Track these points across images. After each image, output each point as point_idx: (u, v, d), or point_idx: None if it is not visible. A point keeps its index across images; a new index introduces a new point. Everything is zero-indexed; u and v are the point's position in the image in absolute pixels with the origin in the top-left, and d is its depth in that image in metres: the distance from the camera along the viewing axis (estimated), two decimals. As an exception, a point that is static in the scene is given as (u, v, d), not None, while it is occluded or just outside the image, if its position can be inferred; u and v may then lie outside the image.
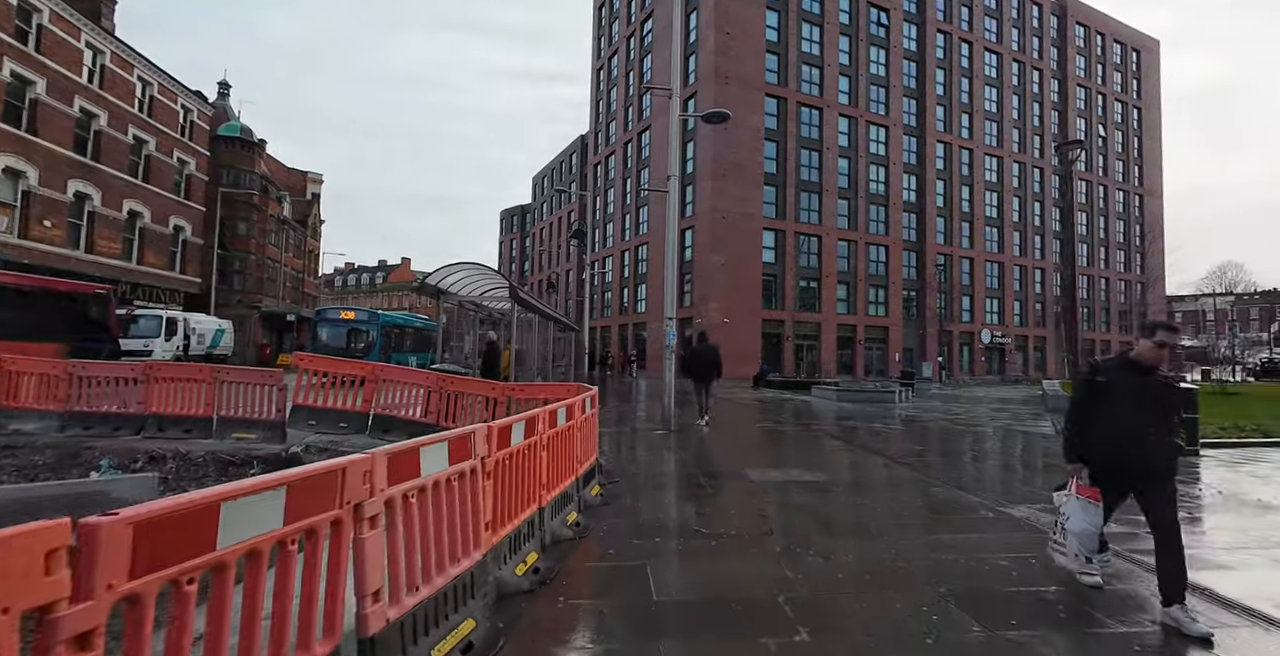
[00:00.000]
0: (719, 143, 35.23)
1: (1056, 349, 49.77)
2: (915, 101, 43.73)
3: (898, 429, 12.12)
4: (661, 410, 11.00)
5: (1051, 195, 50.58)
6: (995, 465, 8.33)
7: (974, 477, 7.18)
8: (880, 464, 7.89)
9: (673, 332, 11.20)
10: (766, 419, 13.88)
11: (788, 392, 23.71)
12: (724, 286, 35.05)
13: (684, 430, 10.89)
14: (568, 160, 59.67)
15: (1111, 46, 55.25)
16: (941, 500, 5.84)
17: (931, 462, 8.09)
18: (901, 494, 6.10)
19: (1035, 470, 7.93)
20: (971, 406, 18.61)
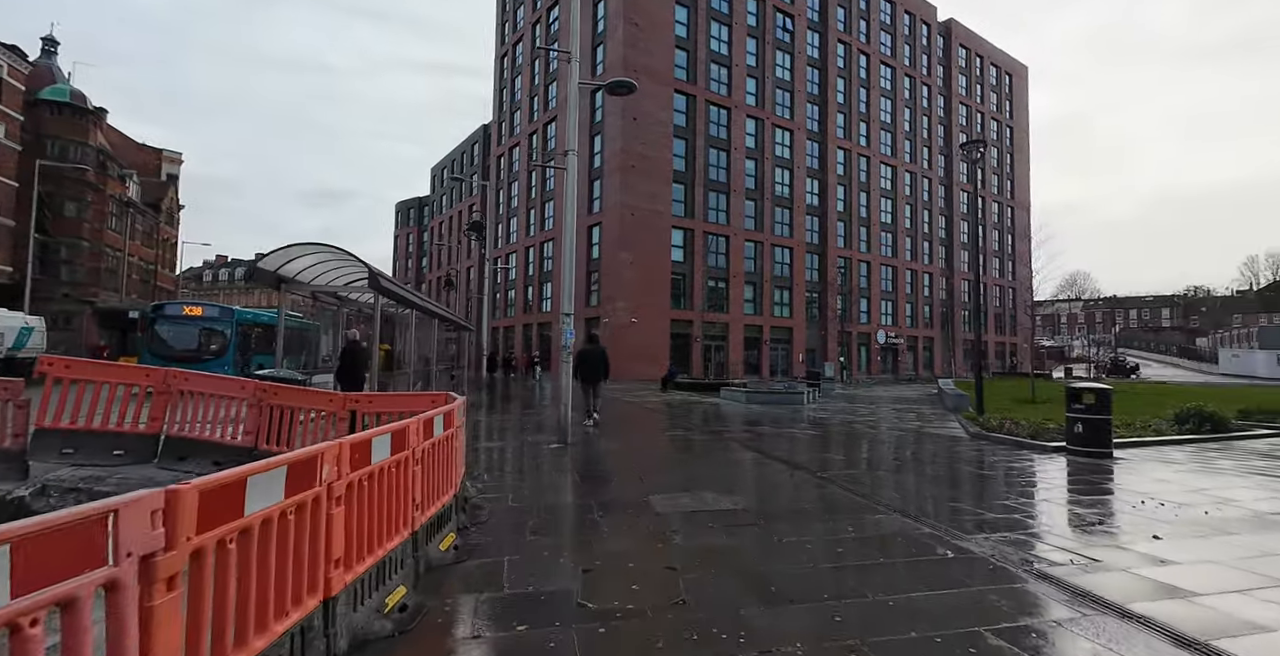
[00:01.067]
0: (627, 135, 34.12)
1: (944, 349, 52.91)
2: (818, 108, 44.81)
3: (813, 434, 11.31)
4: (567, 418, 9.50)
5: (939, 204, 53.75)
6: (927, 479, 7.51)
7: (912, 497, 6.24)
8: (805, 481, 6.81)
9: (571, 331, 9.74)
10: (675, 426, 12.70)
11: (696, 395, 22.87)
12: (632, 285, 33.95)
13: (583, 443, 9.45)
14: (469, 151, 56.56)
15: (989, 69, 59.69)
16: (888, 533, 4.76)
17: (859, 477, 7.12)
18: (840, 525, 4.97)
19: (967, 483, 7.15)
20: (876, 407, 18.47)
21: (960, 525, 5.00)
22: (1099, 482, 6.93)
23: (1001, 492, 6.43)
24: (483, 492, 5.98)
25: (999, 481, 7.02)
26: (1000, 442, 9.98)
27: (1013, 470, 7.64)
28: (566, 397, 9.59)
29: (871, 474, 7.39)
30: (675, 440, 10.27)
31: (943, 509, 5.67)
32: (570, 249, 9.94)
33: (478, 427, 11.50)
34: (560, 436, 9.50)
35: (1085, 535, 4.82)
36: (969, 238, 55.66)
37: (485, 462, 7.68)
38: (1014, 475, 7.36)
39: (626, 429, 12.15)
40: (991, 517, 5.32)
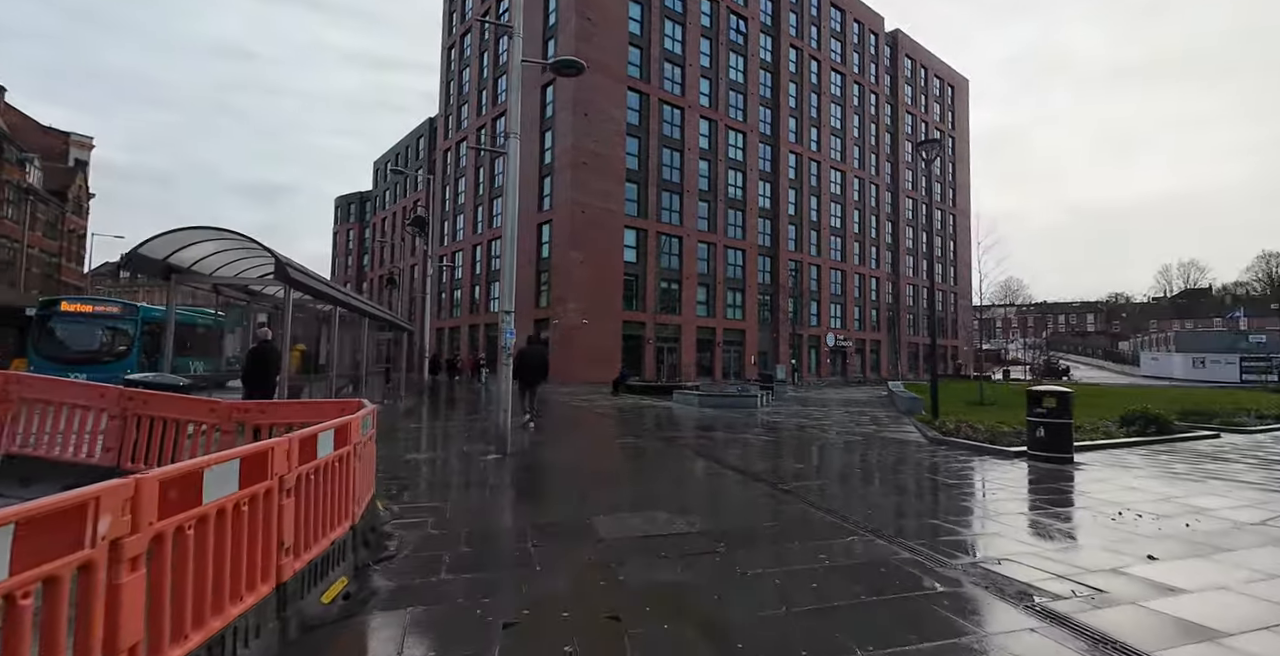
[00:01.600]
0: (579, 131, 33.27)
1: (890, 352, 54.07)
2: (771, 111, 45.04)
3: (769, 440, 10.77)
4: (506, 426, 8.64)
5: (885, 210, 54.97)
6: (894, 490, 7.01)
7: (883, 512, 5.68)
8: (766, 496, 6.19)
9: (512, 331, 8.88)
10: (625, 432, 11.97)
11: (649, 398, 22.21)
12: (583, 285, 33.08)
13: (524, 453, 8.60)
14: (414, 145, 54.46)
15: (932, 80, 61.59)
16: (865, 561, 4.15)
17: (823, 490, 6.55)
18: (810, 551, 4.34)
19: (936, 494, 6.67)
20: (829, 410, 18.23)
21: (940, 547, 4.44)
22: (1069, 491, 6.56)
23: (974, 505, 5.96)
24: (399, 518, 5.09)
25: (968, 492, 6.57)
26: (959, 447, 9.67)
27: (979, 479, 7.23)
28: (507, 403, 8.73)
29: (835, 485, 6.83)
30: (625, 448, 9.53)
31: (917, 527, 5.12)
32: (513, 241, 9.10)
33: (411, 436, 10.49)
34: (499, 446, 8.64)
35: (1075, 555, 4.33)
36: (926, 244, 57.21)
37: (411, 479, 6.76)
38: (981, 484, 6.93)
39: (573, 436, 11.34)
40: (971, 537, 4.80)
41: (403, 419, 13.26)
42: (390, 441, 9.67)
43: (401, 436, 10.43)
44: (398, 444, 9.46)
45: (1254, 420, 14.57)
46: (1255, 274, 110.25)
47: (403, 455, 8.37)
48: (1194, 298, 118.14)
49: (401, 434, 10.77)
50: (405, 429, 11.51)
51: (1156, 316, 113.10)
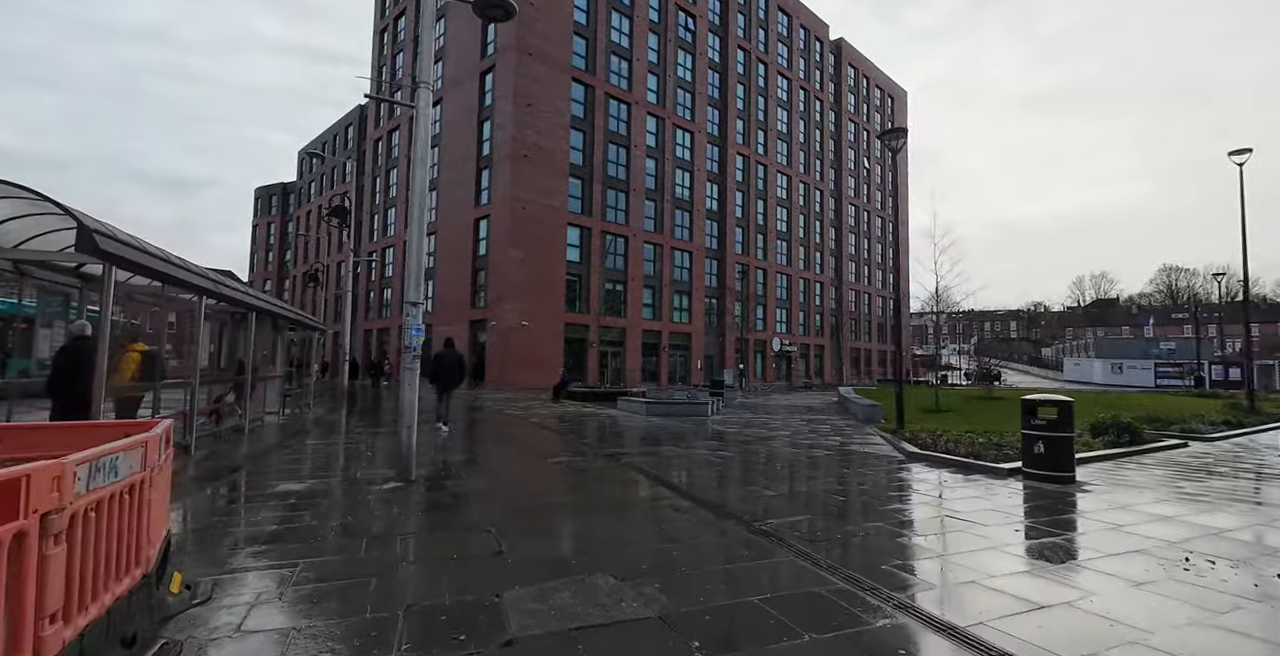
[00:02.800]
0: (520, 122, 31.37)
1: (834, 357, 54.32)
2: (719, 112, 44.34)
3: (728, 455, 9.36)
4: (412, 445, 6.86)
5: (829, 216, 55.33)
6: (899, 529, 5.66)
7: (907, 572, 4.28)
8: (742, 543, 4.71)
9: (418, 327, 7.12)
10: (563, 447, 10.31)
11: (591, 405, 20.58)
12: (523, 285, 31.12)
13: (432, 480, 6.84)
14: (343, 133, 50.96)
15: (874, 90, 62.77)
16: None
17: (816, 532, 5.13)
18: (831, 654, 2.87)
19: (956, 537, 5.35)
20: (785, 417, 17.10)
21: (1010, 631, 3.05)
22: (1095, 520, 5.39)
23: (1015, 555, 4.65)
24: (209, 602, 3.31)
25: (995, 532, 5.29)
26: (943, 464, 8.52)
27: (992, 510, 5.99)
28: (412, 417, 6.95)
29: (823, 521, 5.43)
30: (560, 470, 7.89)
31: (962, 596, 3.73)
32: (420, 220, 7.36)
33: (296, 458, 8.51)
34: (401, 471, 6.85)
35: (1217, 643, 3.02)
36: (893, 242, 57.81)
37: (264, 526, 4.93)
38: (1002, 518, 5.69)
39: (500, 453, 9.61)
40: (1045, 614, 3.45)
41: (299, 434, 11.14)
42: (265, 467, 7.69)
43: (284, 459, 8.44)
44: (273, 470, 7.50)
45: (1208, 427, 14.33)
46: (1157, 286, 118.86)
47: (273, 486, 6.46)
48: (1104, 307, 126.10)
49: (286, 455, 8.76)
50: (294, 447, 9.47)
51: (1071, 324, 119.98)
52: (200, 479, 6.83)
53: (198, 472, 7.18)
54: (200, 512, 5.40)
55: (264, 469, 7.55)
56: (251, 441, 9.90)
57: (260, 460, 8.17)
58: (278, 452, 8.84)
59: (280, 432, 11.16)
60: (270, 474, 7.25)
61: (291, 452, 8.96)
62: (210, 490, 6.28)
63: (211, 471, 7.29)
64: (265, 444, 9.65)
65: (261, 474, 7.23)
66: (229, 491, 6.32)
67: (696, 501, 6.02)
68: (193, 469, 7.37)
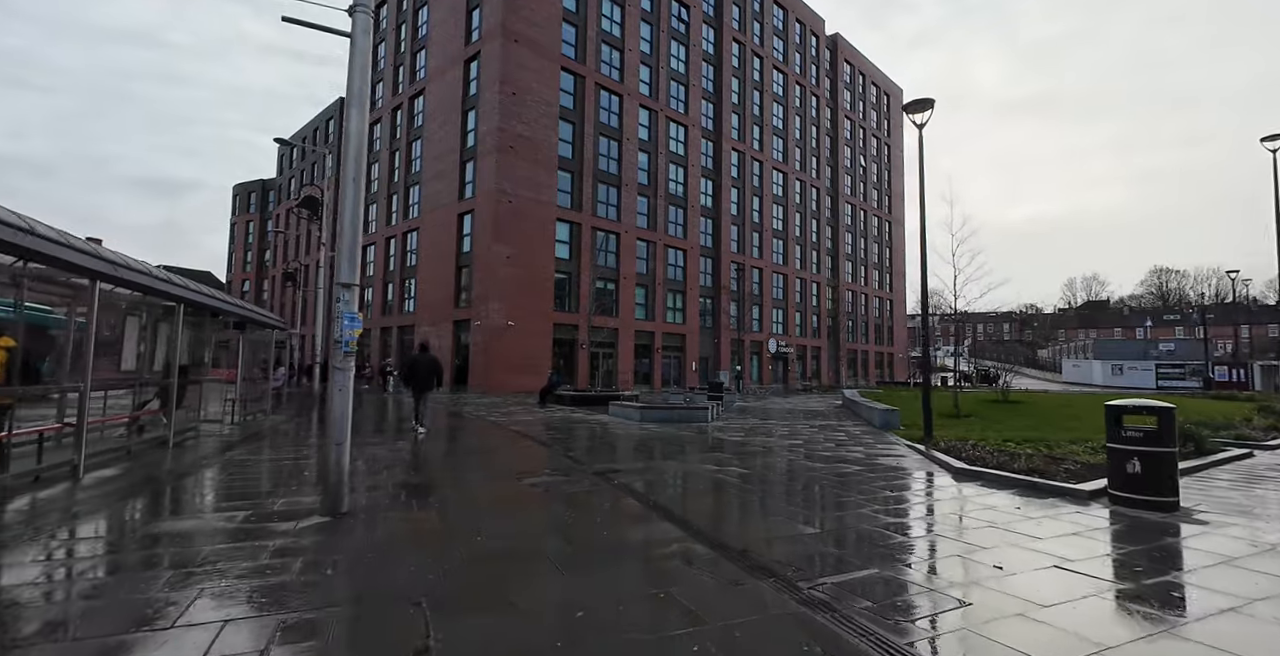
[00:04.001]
0: (506, 112, 29.81)
1: (830, 359, 53.02)
2: (713, 105, 42.98)
3: (741, 473, 7.85)
4: (343, 468, 5.32)
5: (825, 215, 54.10)
6: (1004, 594, 4.18)
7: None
8: (794, 624, 3.20)
9: (351, 315, 5.55)
10: (545, 463, 8.78)
11: (581, 410, 19.04)
12: (509, 283, 29.53)
13: (370, 512, 5.30)
14: (323, 127, 49.21)
15: (869, 87, 61.69)
16: None
17: (892, 599, 3.64)
18: None
19: (1081, 607, 3.87)
20: (792, 423, 15.64)
21: None
22: (1267, 575, 3.93)
23: (1204, 645, 3.17)
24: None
25: (1148, 596, 3.80)
26: (1003, 484, 7.05)
27: (1110, 558, 4.51)
28: (343, 433, 5.40)
29: (904, 584, 3.92)
30: (537, 497, 6.34)
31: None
32: (356, 179, 5.80)
33: (221, 481, 6.93)
34: (329, 502, 5.29)
35: None
36: (920, 233, 56.67)
37: (114, 589, 3.38)
38: (1136, 573, 4.21)
39: (468, 471, 8.05)
40: None
41: (234, 447, 9.53)
42: (160, 496, 6.10)
43: (194, 483, 6.85)
44: (168, 502, 5.93)
45: (1260, 433, 12.99)
46: (1148, 287, 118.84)
47: (151, 526, 4.90)
48: (1096, 309, 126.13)
49: (199, 477, 7.17)
50: (217, 466, 7.88)
51: (1064, 326, 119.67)
52: (60, 513, 5.23)
53: (67, 503, 5.58)
54: (18, 570, 3.82)
55: (157, 499, 5.97)
56: (173, 458, 8.30)
57: (162, 485, 6.58)
58: (192, 474, 7.25)
59: (214, 446, 9.55)
60: (185, 504, 5.68)
61: (211, 473, 7.37)
62: (54, 533, 4.69)
63: (85, 502, 5.69)
64: (184, 462, 8.05)
65: (153, 507, 5.65)
66: (85, 534, 4.74)
67: (714, 545, 4.50)
68: (64, 498, 5.77)
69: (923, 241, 11.48)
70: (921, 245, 11.47)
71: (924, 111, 11.50)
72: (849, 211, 56.95)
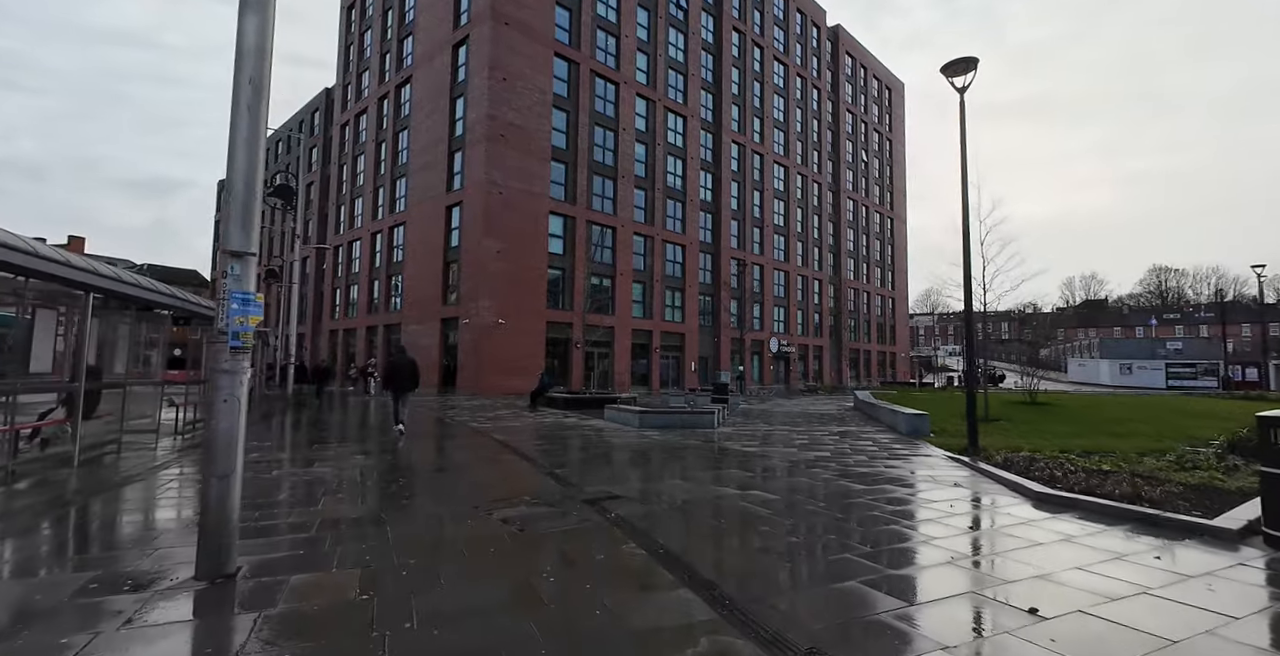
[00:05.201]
0: (496, 99, 28.26)
1: (832, 359, 51.58)
2: (713, 96, 41.49)
3: (766, 498, 6.34)
4: (228, 511, 3.79)
5: (827, 211, 52.67)
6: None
7: None
8: None
9: (245, 297, 4.00)
10: (525, 485, 7.25)
11: (575, 414, 17.51)
12: (500, 279, 27.97)
13: (264, 572, 3.74)
14: (309, 119, 47.54)
15: (871, 81, 60.31)
16: None
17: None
18: None
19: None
20: (807, 428, 14.14)
21: None
22: None
23: None
24: None
25: None
26: (1106, 516, 5.55)
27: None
28: (228, 463, 3.85)
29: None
30: (507, 541, 4.80)
31: None
32: (251, 101, 4.23)
33: (79, 522, 5.40)
34: (206, 562, 3.74)
35: None
36: (963, 222, 55.28)
37: None
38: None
39: (426, 498, 6.51)
40: None
41: (159, 467, 7.98)
42: (18, 532, 4.54)
43: (66, 518, 5.30)
44: (23, 543, 4.37)
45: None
46: (1146, 286, 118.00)
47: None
48: (1095, 308, 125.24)
49: (83, 507, 5.61)
50: (108, 497, 6.33)
51: (1063, 325, 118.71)
52: None
53: None
54: None
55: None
56: (57, 483, 6.74)
57: (17, 523, 5.02)
58: (65, 507, 5.69)
59: (129, 465, 7.99)
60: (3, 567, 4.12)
61: (95, 506, 5.81)
62: None
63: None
64: (72, 489, 6.49)
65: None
66: None
67: (761, 636, 2.98)
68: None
69: (965, 215, 10.00)
70: (964, 218, 10.00)
71: (965, 73, 10.01)
72: (850, 207, 55.54)
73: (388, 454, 9.23)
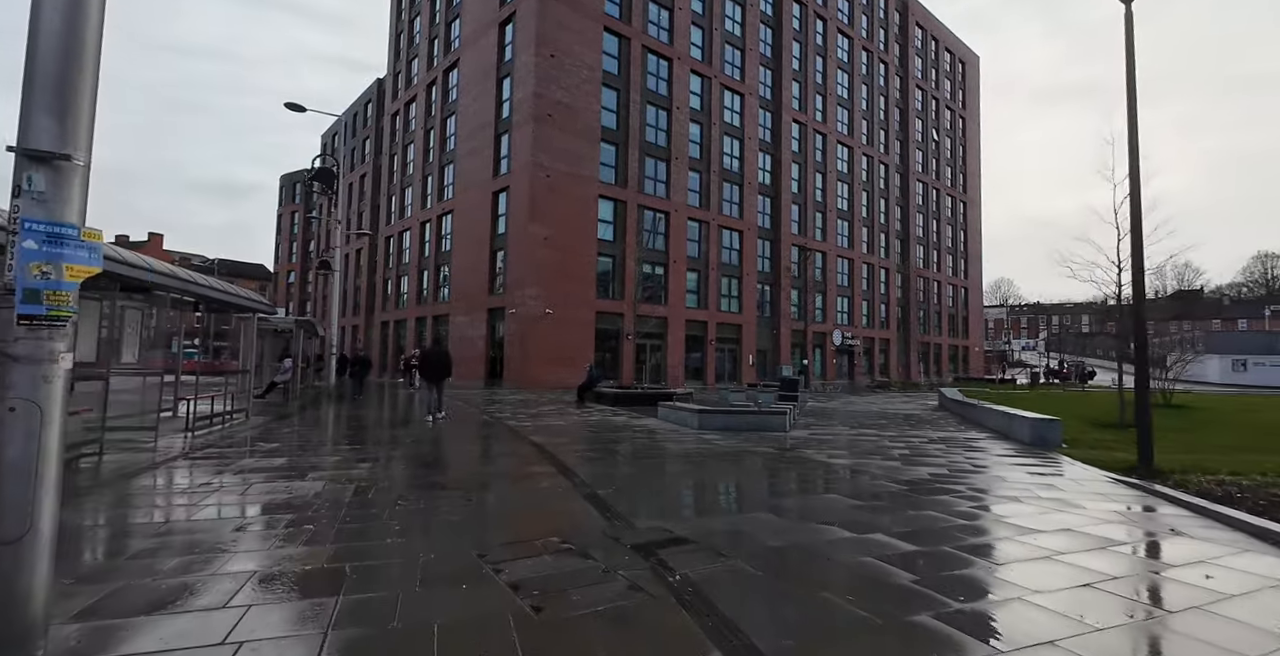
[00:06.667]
0: (543, 76, 26.79)
1: (899, 352, 48.24)
2: (771, 73, 38.90)
3: (902, 553, 4.42)
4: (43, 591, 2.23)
5: (895, 194, 49.16)
6: None
7: None
8: None
9: (55, 229, 2.40)
10: (558, 512, 5.55)
11: (625, 411, 15.86)
12: (547, 267, 26.60)
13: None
14: (363, 111, 47.57)
15: (943, 54, 55.98)
16: None
17: None
18: None
19: None
20: (896, 432, 11.98)
21: None
22: None
23: None
24: None
25: None
26: None
27: None
28: (28, 514, 2.26)
29: None
30: (510, 634, 3.12)
31: None
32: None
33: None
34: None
35: None
36: (1130, 196, 51.54)
37: None
38: None
39: (417, 533, 4.87)
40: None
41: (122, 478, 6.73)
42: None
43: None
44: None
45: None
46: (1250, 274, 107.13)
47: None
48: (1188, 298, 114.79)
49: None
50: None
51: (1152, 318, 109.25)
52: None
53: None
54: None
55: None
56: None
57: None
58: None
59: (95, 473, 6.77)
60: None
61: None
62: None
63: None
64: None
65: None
66: None
67: None
68: None
69: (1133, 143, 7.69)
70: (1132, 148, 7.68)
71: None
72: (920, 190, 51.73)
73: (397, 461, 7.76)
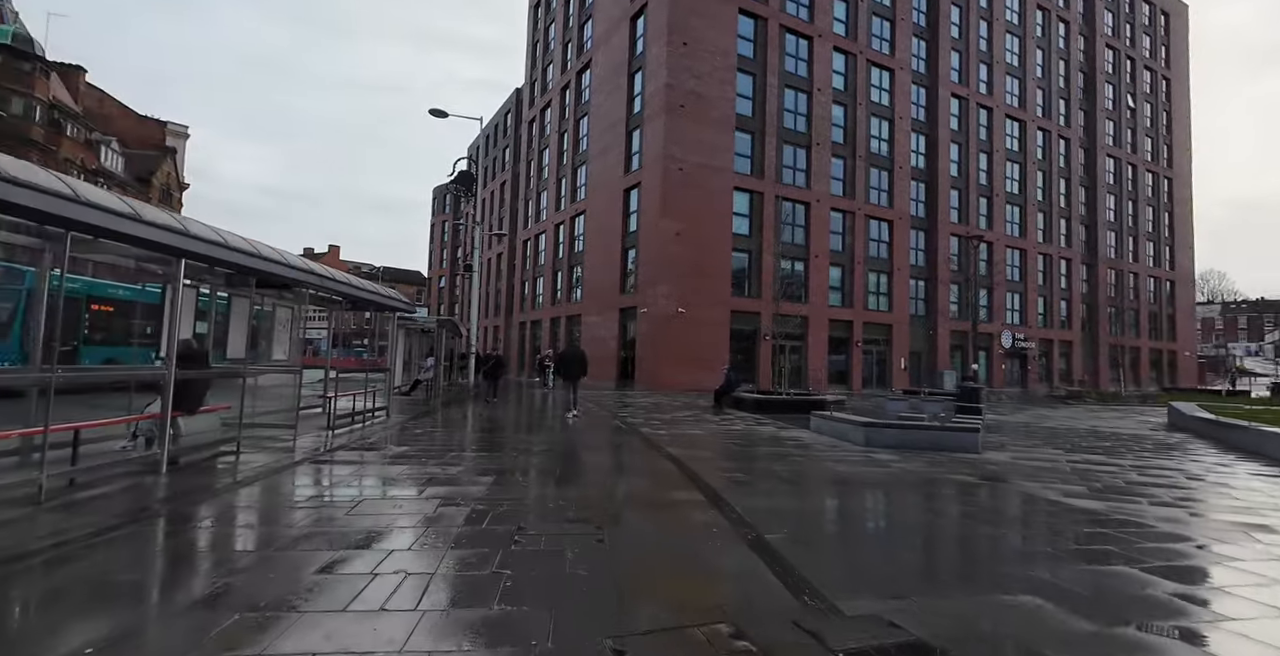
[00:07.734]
0: (675, 66, 25.78)
1: (1085, 356, 41.51)
2: (925, 44, 34.96)
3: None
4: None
5: (1078, 173, 42.37)
6: None
7: None
8: None
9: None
10: (720, 558, 4.17)
11: (769, 419, 14.22)
12: (680, 264, 25.53)
13: None
14: (502, 122, 49.78)
15: (1140, 5, 47.55)
16: None
17: None
18: None
19: None
20: (1134, 460, 9.25)
21: None
22: None
23: None
24: None
25: None
26: None
27: None
28: None
29: None
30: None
31: None
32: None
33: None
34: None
35: None
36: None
37: None
38: None
39: (525, 591, 3.71)
40: None
41: (249, 481, 6.40)
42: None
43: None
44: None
45: None
46: None
47: None
48: None
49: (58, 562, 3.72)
50: (136, 533, 4.52)
51: None
52: None
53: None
54: None
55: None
56: (131, 495, 5.21)
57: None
58: (62, 547, 3.86)
59: (232, 472, 6.50)
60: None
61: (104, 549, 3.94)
62: None
63: None
64: (114, 511, 4.84)
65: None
66: None
67: None
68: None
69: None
70: None
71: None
72: (1111, 167, 44.23)
73: (523, 474, 6.83)
